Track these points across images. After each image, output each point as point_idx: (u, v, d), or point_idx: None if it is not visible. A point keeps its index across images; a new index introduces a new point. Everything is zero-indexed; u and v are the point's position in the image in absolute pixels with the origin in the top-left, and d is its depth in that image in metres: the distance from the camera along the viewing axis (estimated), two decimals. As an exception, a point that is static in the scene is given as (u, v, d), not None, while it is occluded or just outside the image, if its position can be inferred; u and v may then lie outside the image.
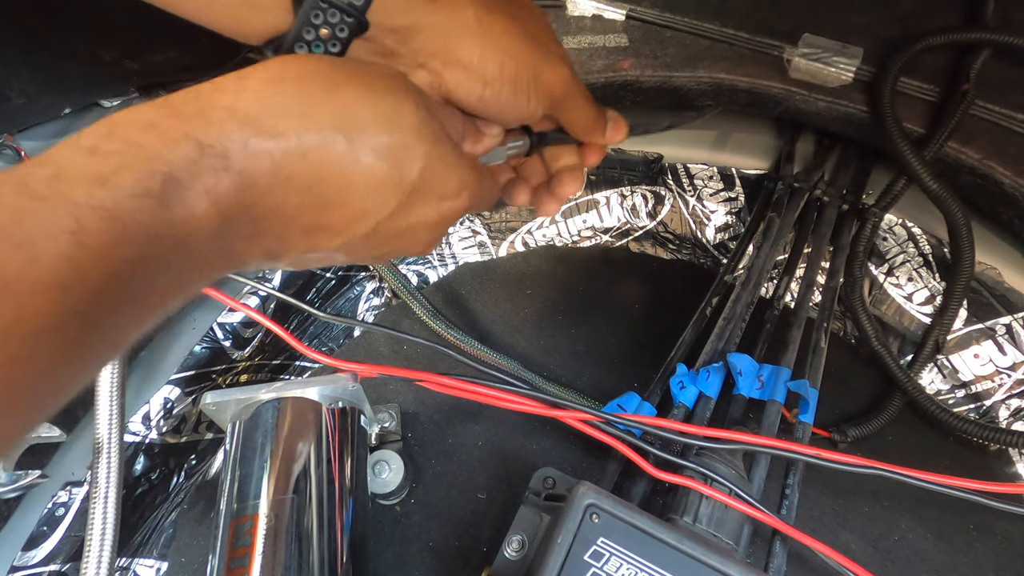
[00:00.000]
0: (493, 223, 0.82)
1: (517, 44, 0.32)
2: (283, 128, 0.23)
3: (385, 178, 0.26)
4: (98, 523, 0.46)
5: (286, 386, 0.51)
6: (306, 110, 0.24)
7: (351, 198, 0.26)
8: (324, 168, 0.24)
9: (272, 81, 0.24)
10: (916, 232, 0.72)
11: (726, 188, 0.79)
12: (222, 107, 0.23)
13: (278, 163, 0.23)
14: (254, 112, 0.23)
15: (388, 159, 0.26)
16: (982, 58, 0.62)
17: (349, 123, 0.25)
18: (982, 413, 0.66)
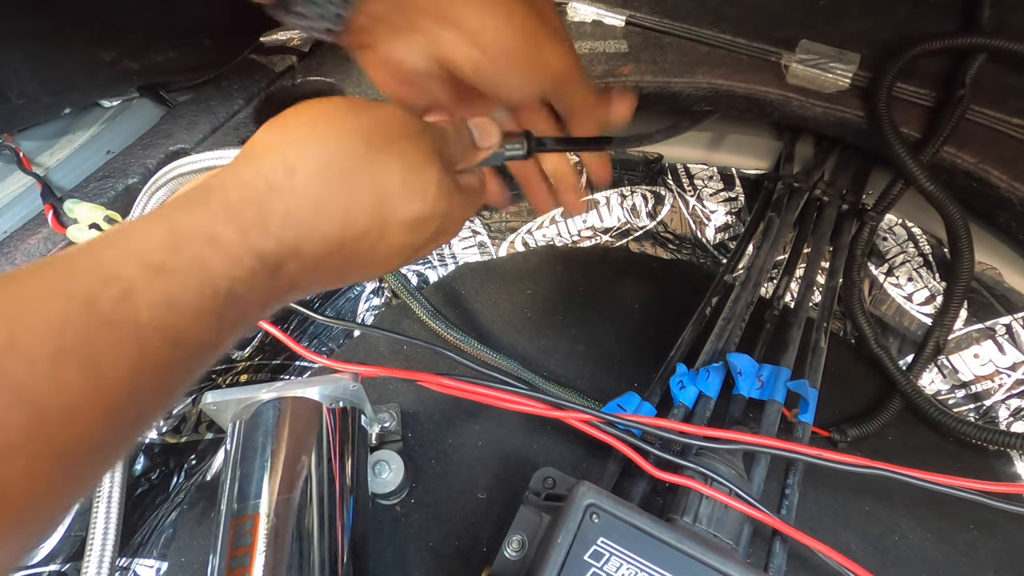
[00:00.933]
0: (493, 223, 0.82)
1: (517, 12, 0.31)
2: (330, 229, 0.25)
3: (407, 245, 0.29)
4: (100, 523, 0.46)
5: (287, 386, 0.51)
6: (349, 204, 0.26)
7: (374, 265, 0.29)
8: (359, 252, 0.27)
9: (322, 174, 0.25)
10: (916, 232, 0.72)
11: (726, 188, 0.80)
12: (279, 213, 0.24)
13: (321, 259, 0.26)
14: (306, 215, 0.25)
15: (412, 231, 0.28)
16: (978, 63, 0.62)
17: (384, 210, 0.27)
18: (982, 413, 0.66)
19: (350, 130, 0.27)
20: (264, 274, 0.23)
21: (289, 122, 0.27)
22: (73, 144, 0.59)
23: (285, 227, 0.24)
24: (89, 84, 0.63)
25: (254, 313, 0.24)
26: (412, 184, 0.28)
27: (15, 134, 0.56)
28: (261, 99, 0.70)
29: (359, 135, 0.27)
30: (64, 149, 0.58)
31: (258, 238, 0.23)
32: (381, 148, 0.27)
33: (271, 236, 0.24)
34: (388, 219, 0.27)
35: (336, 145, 0.26)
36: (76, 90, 0.62)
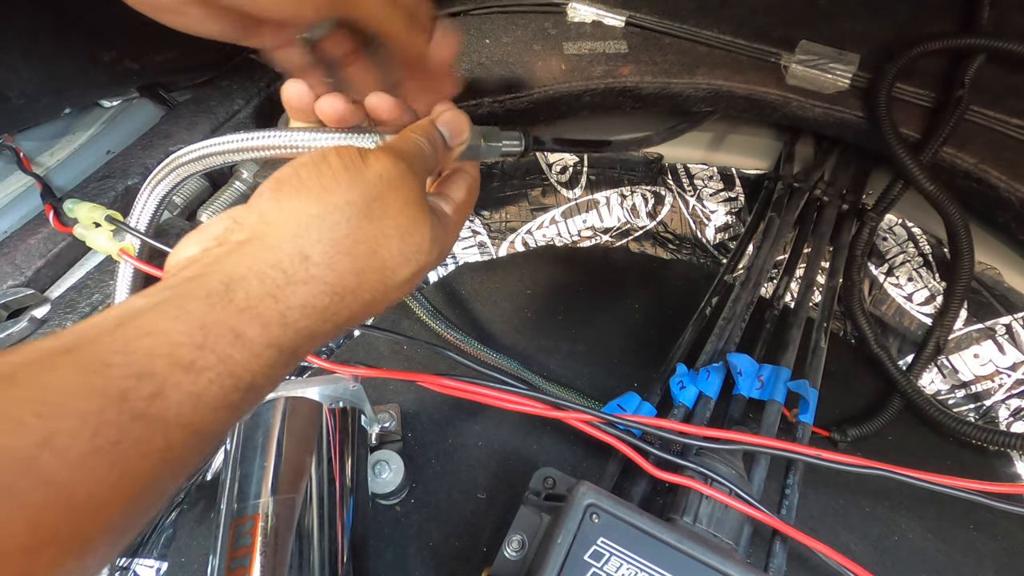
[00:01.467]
0: (493, 223, 0.82)
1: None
2: (341, 311, 0.27)
3: (404, 293, 0.31)
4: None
5: (286, 386, 0.51)
6: (359, 284, 0.28)
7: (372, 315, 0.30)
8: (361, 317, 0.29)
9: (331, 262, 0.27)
10: (916, 232, 0.72)
11: (726, 188, 0.80)
12: (297, 307, 0.25)
13: (329, 334, 0.27)
14: (323, 304, 0.26)
15: (408, 286, 0.31)
16: (977, 64, 0.62)
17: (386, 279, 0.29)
18: (982, 413, 0.66)
19: (353, 205, 0.28)
20: (281, 362, 0.25)
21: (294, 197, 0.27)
22: (73, 144, 0.59)
23: (301, 319, 0.25)
24: (89, 84, 0.63)
25: (264, 395, 0.25)
26: (408, 247, 0.30)
27: (15, 134, 0.56)
28: (261, 99, 0.70)
29: (360, 209, 0.28)
30: (64, 149, 0.58)
31: (278, 332, 0.24)
32: (379, 218, 0.28)
33: (289, 328, 0.25)
34: (389, 286, 0.29)
35: (343, 225, 0.27)
36: (76, 90, 0.62)
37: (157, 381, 0.20)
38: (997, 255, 0.69)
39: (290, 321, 0.25)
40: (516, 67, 0.70)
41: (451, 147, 0.35)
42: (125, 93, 0.70)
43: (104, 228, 0.48)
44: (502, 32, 0.74)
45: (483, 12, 0.77)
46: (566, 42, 0.73)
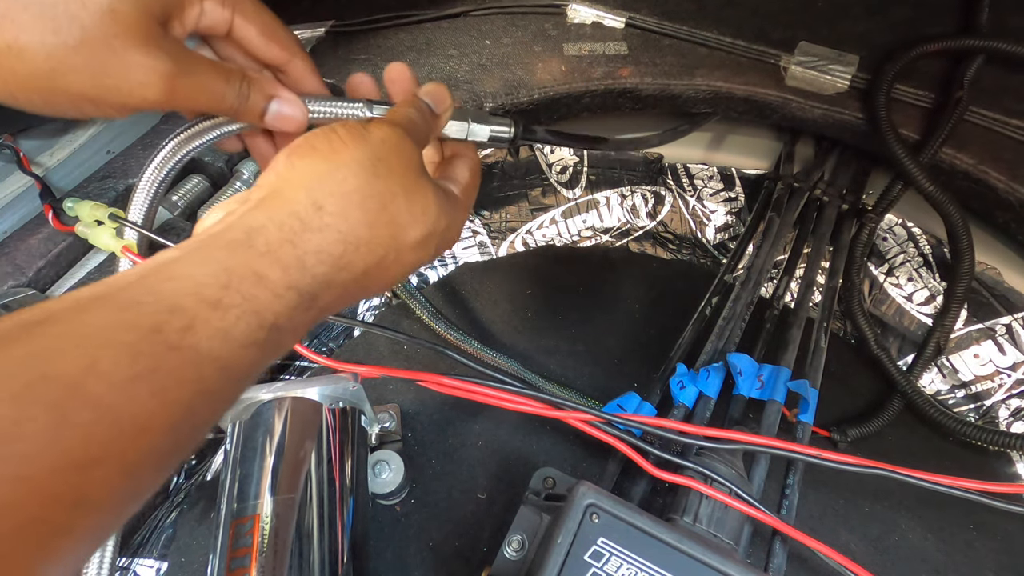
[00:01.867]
0: (493, 223, 0.82)
1: None
2: (354, 260, 0.28)
3: (417, 261, 0.32)
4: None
5: (286, 386, 0.51)
6: (368, 236, 0.29)
7: (390, 280, 0.32)
8: (376, 276, 0.30)
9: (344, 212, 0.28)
10: (916, 232, 0.72)
11: (726, 188, 0.80)
12: (313, 251, 0.27)
13: (347, 289, 0.29)
14: (338, 251, 0.28)
15: (420, 249, 0.32)
16: (976, 65, 0.62)
17: (396, 236, 0.30)
18: (982, 413, 0.66)
19: (359, 162, 0.29)
20: (302, 306, 0.26)
21: (305, 157, 0.29)
22: (73, 144, 0.59)
23: (318, 264, 0.27)
24: (89, 84, 0.63)
25: (288, 341, 0.26)
26: (415, 206, 0.31)
27: (15, 134, 0.56)
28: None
29: (367, 166, 0.29)
30: (64, 149, 0.58)
31: (296, 275, 0.26)
32: (386, 176, 0.30)
33: (307, 272, 0.26)
34: (400, 242, 0.31)
35: (352, 179, 0.29)
36: (76, 90, 0.62)
37: (188, 316, 0.22)
38: (997, 255, 0.69)
39: (308, 265, 0.26)
40: (516, 68, 0.70)
41: (438, 114, 0.37)
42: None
43: (107, 226, 0.48)
44: (502, 33, 0.74)
45: (483, 13, 0.77)
46: (566, 43, 0.73)
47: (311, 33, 0.77)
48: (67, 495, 0.18)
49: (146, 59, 0.28)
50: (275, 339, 0.25)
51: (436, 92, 0.36)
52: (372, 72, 0.72)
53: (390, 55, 0.72)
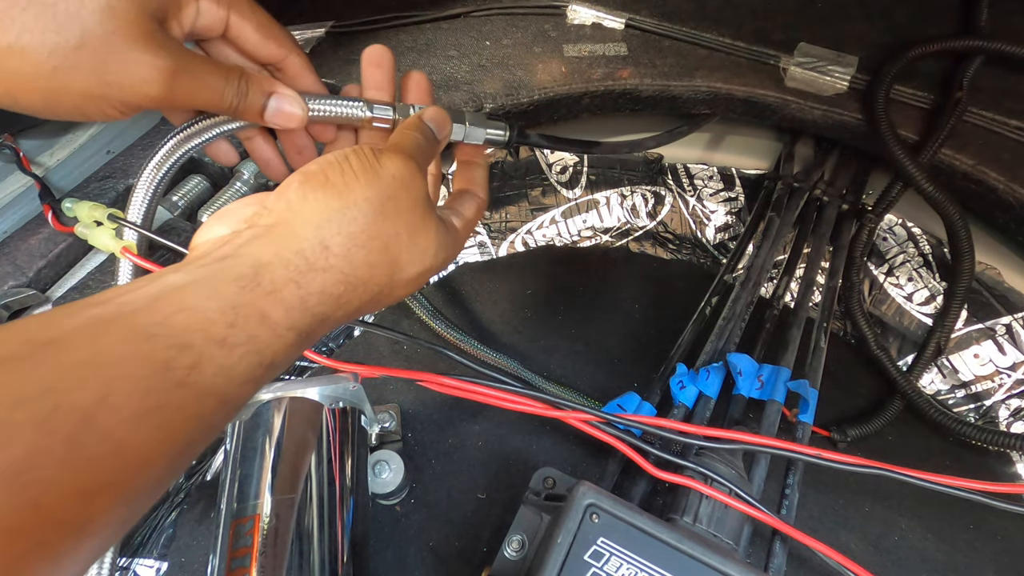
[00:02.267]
0: (493, 223, 0.82)
1: None
2: (353, 299, 0.29)
3: (409, 292, 0.33)
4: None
5: (286, 386, 0.51)
6: (371, 276, 0.30)
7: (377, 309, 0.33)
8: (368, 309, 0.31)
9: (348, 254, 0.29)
10: (916, 232, 0.72)
11: (726, 188, 0.80)
12: (316, 292, 0.27)
13: (339, 322, 0.29)
14: (338, 292, 0.28)
15: (413, 285, 0.33)
16: (975, 65, 0.62)
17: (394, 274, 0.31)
18: (982, 413, 0.66)
19: (370, 201, 0.30)
20: (297, 344, 0.27)
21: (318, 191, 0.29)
22: (73, 144, 0.59)
23: (318, 304, 0.28)
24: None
25: (277, 372, 0.27)
26: (415, 246, 0.32)
27: (15, 134, 0.56)
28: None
29: (376, 206, 0.30)
30: (64, 149, 0.58)
31: (297, 316, 0.27)
32: (392, 216, 0.30)
33: (308, 313, 0.27)
34: (396, 280, 0.31)
35: (360, 220, 0.29)
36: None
37: (195, 354, 0.22)
38: (997, 255, 0.69)
39: (309, 306, 0.27)
40: (516, 69, 0.70)
41: (439, 140, 0.38)
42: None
43: (106, 227, 0.48)
44: (502, 34, 0.74)
45: (483, 14, 0.77)
46: (566, 44, 0.73)
47: (311, 34, 0.77)
48: (72, 522, 0.19)
49: (146, 56, 0.28)
50: (270, 375, 0.26)
51: (438, 118, 0.38)
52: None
53: (390, 55, 0.72)
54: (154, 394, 0.21)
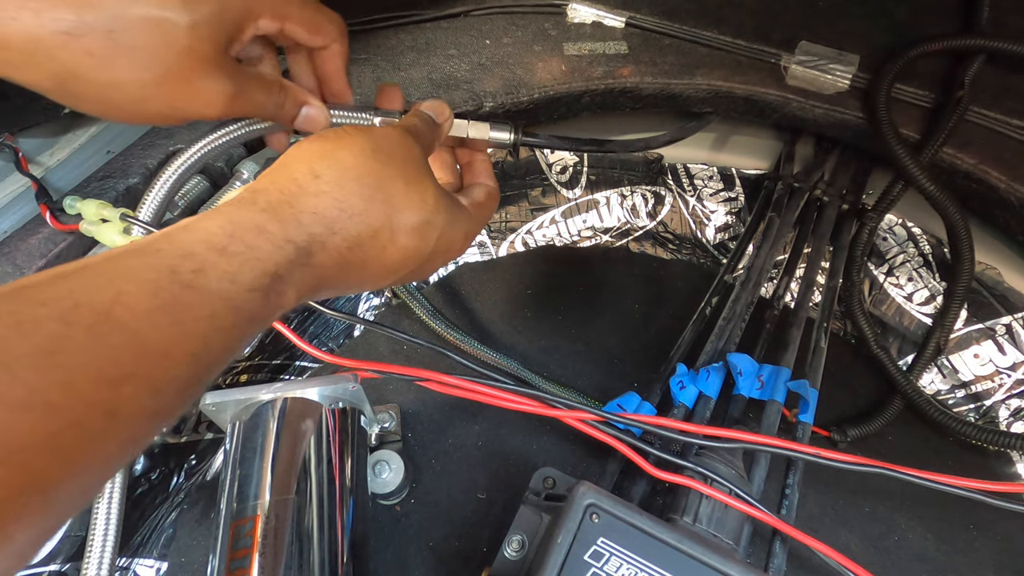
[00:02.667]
0: (493, 223, 0.82)
1: None
2: (348, 226, 0.31)
3: (414, 249, 0.34)
4: (100, 523, 0.46)
5: (286, 386, 0.51)
6: (364, 207, 0.31)
7: (388, 264, 0.34)
8: (372, 253, 0.32)
9: (339, 181, 0.31)
10: (916, 232, 0.72)
11: (726, 188, 0.80)
12: (309, 211, 0.30)
13: (343, 255, 0.31)
14: (331, 214, 0.30)
15: (417, 236, 0.34)
16: (976, 64, 0.62)
17: (392, 214, 0.32)
18: (982, 413, 0.66)
19: (360, 146, 0.33)
20: (299, 261, 0.29)
21: (312, 141, 0.33)
22: (73, 144, 0.59)
23: (314, 223, 0.30)
24: (89, 84, 0.63)
25: (290, 296, 0.29)
26: (412, 193, 0.33)
27: (15, 134, 0.56)
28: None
29: (367, 150, 0.33)
30: (64, 149, 0.58)
31: (294, 230, 0.29)
32: (385, 162, 0.33)
33: (304, 229, 0.29)
34: (396, 222, 0.33)
35: (350, 158, 0.32)
36: (76, 90, 0.62)
37: (198, 260, 0.25)
38: (997, 255, 0.69)
39: (304, 223, 0.29)
40: (516, 68, 0.70)
41: (439, 123, 0.40)
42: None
43: (113, 223, 0.48)
44: (502, 33, 0.74)
45: (483, 13, 0.77)
46: (566, 43, 0.73)
47: (311, 33, 0.77)
48: (101, 404, 0.21)
49: (213, 84, 0.34)
50: (278, 288, 0.28)
51: (436, 105, 0.41)
52: (372, 72, 0.72)
53: (390, 55, 0.72)
54: (164, 292, 0.23)
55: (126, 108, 0.33)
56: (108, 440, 0.22)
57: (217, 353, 0.25)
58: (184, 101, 0.33)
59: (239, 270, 0.26)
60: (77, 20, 0.29)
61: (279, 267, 0.28)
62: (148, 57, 0.31)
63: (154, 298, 0.23)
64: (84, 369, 0.21)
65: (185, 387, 0.24)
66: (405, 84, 0.68)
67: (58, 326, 0.21)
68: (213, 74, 0.33)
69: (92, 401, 0.21)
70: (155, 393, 0.23)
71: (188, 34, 0.31)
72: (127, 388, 0.22)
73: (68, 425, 0.20)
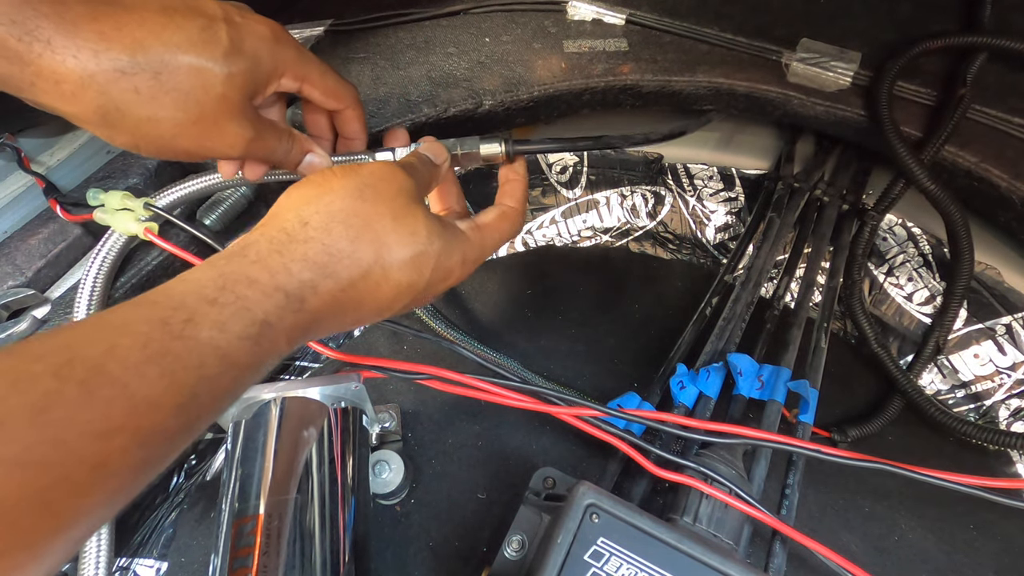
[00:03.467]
0: (493, 223, 0.81)
1: None
2: (339, 270, 0.32)
3: (408, 283, 0.34)
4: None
5: (288, 386, 0.51)
6: (352, 249, 0.32)
7: (383, 300, 0.34)
8: (366, 291, 0.33)
9: (326, 226, 0.32)
10: (916, 232, 0.72)
11: (726, 188, 0.80)
12: (298, 259, 0.31)
13: (335, 297, 0.32)
14: (321, 260, 0.31)
15: (410, 270, 0.34)
16: (979, 62, 0.62)
17: (382, 253, 0.33)
18: (982, 413, 0.66)
19: (346, 187, 0.34)
20: (290, 308, 0.29)
21: (300, 186, 0.34)
22: (73, 144, 0.59)
23: (303, 270, 0.30)
24: (89, 84, 0.63)
25: (282, 343, 0.29)
26: (402, 227, 0.34)
27: (15, 134, 0.56)
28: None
29: (353, 191, 0.34)
30: (64, 149, 0.58)
31: (283, 279, 0.30)
32: (373, 200, 0.34)
33: (293, 277, 0.30)
34: (386, 259, 0.33)
35: (337, 201, 0.33)
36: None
37: (188, 311, 0.26)
38: (997, 255, 0.69)
39: (293, 272, 0.30)
40: (516, 65, 0.70)
41: (436, 163, 0.42)
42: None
43: (128, 212, 0.50)
44: (502, 30, 0.74)
45: (483, 11, 0.77)
46: (566, 40, 0.73)
47: (310, 32, 0.77)
48: (90, 458, 0.22)
49: (238, 129, 0.37)
50: (268, 336, 0.28)
51: (433, 148, 0.43)
52: (371, 70, 0.72)
53: (389, 53, 0.72)
54: (155, 343, 0.24)
55: (158, 142, 0.35)
56: (96, 493, 0.22)
57: (205, 403, 0.26)
58: (211, 141, 0.36)
59: (229, 320, 0.27)
60: (130, 61, 0.32)
61: (268, 315, 0.28)
62: (187, 99, 0.34)
63: (145, 349, 0.24)
64: (75, 424, 0.21)
65: (173, 437, 0.25)
66: (404, 82, 0.68)
67: (52, 382, 0.21)
68: (239, 119, 0.36)
69: (82, 456, 0.21)
70: (144, 444, 0.23)
71: (224, 83, 0.34)
72: (116, 440, 0.22)
73: (57, 480, 0.21)
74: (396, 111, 0.66)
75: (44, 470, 0.20)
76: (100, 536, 0.46)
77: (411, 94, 0.66)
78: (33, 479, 0.20)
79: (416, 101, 0.66)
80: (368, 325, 0.41)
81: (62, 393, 0.21)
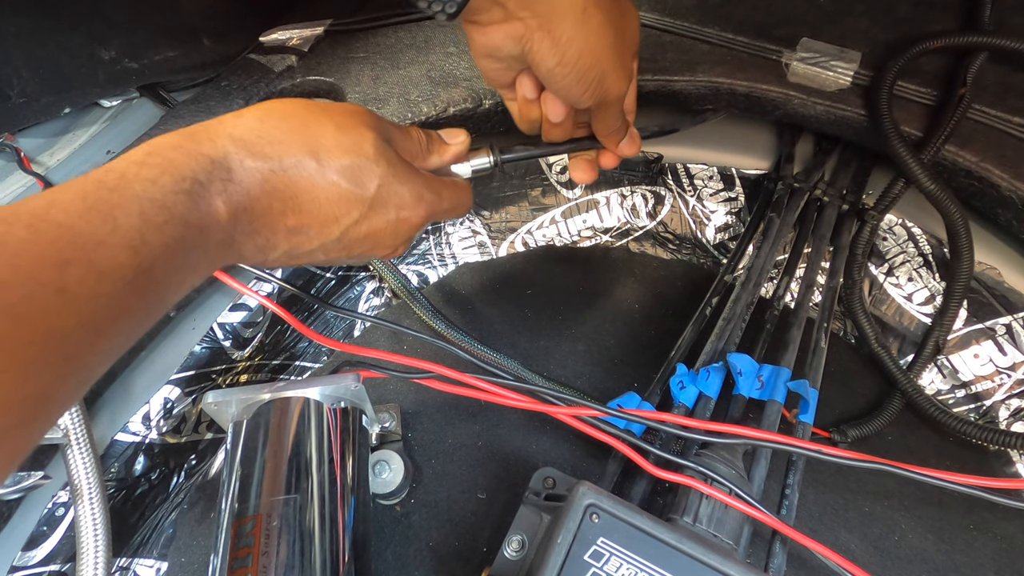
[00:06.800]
0: (493, 223, 0.82)
1: (602, 45, 0.37)
2: (268, 151, 0.32)
3: (348, 193, 0.34)
4: (87, 525, 0.46)
5: (288, 386, 0.51)
6: (285, 138, 0.33)
7: (322, 207, 0.34)
8: (300, 182, 0.33)
9: (260, 117, 0.33)
10: (916, 232, 0.72)
11: (726, 188, 0.80)
12: (224, 135, 0.32)
13: (266, 177, 0.32)
14: (248, 138, 0.32)
15: (349, 178, 0.34)
16: (979, 62, 0.62)
17: (318, 149, 0.33)
18: (982, 413, 0.66)
19: (293, 102, 0.35)
20: (217, 175, 0.31)
21: None
22: (73, 144, 0.59)
23: (229, 143, 0.32)
24: (89, 83, 0.63)
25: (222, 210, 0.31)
26: (344, 137, 0.34)
27: (15, 133, 0.56)
28: (260, 99, 0.70)
29: (300, 103, 0.35)
30: (64, 149, 0.58)
31: (207, 147, 0.31)
32: (317, 112, 0.34)
33: (219, 148, 0.31)
34: (322, 157, 0.33)
35: (280, 106, 0.34)
36: (76, 89, 0.62)
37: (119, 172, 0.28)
38: (997, 255, 0.69)
39: (219, 143, 0.32)
40: (516, 67, 0.70)
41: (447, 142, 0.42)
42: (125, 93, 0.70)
43: None
44: (502, 32, 0.74)
45: (483, 12, 0.77)
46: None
47: (310, 32, 0.77)
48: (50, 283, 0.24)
49: None
50: (203, 196, 0.30)
51: (454, 130, 0.44)
52: (371, 70, 0.72)
53: (389, 53, 0.72)
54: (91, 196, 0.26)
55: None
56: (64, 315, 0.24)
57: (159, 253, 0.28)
58: None
59: (158, 176, 0.29)
60: None
61: (196, 173, 0.30)
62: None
63: (84, 201, 0.26)
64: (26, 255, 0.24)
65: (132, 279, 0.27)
66: (404, 82, 0.68)
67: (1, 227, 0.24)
68: None
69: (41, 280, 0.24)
70: (102, 277, 0.25)
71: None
72: (72, 271, 0.24)
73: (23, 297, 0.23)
74: (396, 111, 0.66)
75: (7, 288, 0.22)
76: (99, 536, 0.46)
77: (411, 94, 0.66)
78: None
79: (416, 101, 0.66)
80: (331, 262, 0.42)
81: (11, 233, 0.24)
